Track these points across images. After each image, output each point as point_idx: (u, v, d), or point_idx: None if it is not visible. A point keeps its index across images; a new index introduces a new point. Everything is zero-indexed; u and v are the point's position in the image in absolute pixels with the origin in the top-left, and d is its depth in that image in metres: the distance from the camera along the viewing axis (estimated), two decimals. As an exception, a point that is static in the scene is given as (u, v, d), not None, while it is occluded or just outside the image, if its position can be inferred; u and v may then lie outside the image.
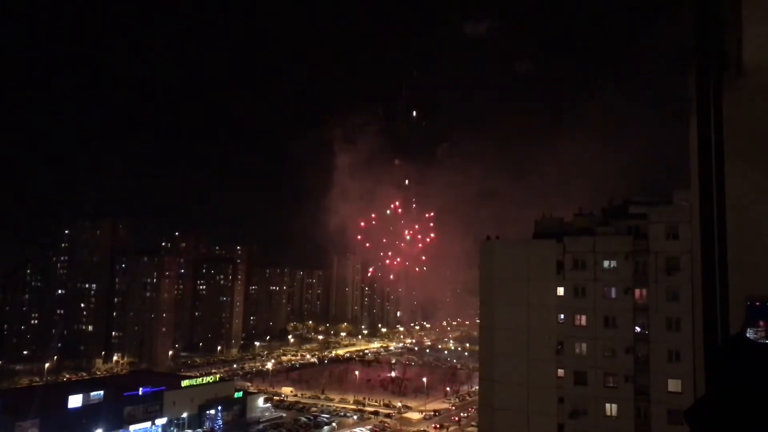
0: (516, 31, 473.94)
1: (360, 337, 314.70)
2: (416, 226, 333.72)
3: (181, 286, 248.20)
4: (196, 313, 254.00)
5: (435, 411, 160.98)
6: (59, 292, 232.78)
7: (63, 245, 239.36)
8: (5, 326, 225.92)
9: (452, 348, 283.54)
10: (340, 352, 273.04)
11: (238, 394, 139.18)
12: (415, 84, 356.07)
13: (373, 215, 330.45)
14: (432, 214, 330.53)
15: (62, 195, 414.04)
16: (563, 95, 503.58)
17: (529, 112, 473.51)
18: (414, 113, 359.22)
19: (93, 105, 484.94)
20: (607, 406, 53.25)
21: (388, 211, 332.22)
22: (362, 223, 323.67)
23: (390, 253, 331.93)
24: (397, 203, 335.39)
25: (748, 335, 4.13)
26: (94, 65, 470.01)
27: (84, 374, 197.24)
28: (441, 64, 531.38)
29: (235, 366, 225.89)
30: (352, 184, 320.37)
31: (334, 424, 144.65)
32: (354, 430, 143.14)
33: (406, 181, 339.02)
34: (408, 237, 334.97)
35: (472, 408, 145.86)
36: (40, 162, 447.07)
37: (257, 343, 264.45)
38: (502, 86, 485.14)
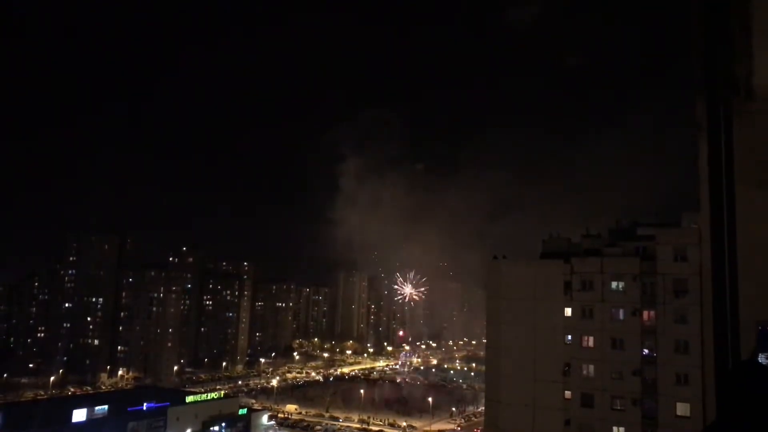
0: (526, 50, 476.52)
1: (365, 355, 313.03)
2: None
3: (187, 301, 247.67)
4: (202, 329, 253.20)
5: (440, 431, 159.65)
6: (66, 305, 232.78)
7: (70, 258, 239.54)
8: (11, 339, 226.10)
9: (458, 368, 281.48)
10: (346, 370, 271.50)
11: (243, 411, 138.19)
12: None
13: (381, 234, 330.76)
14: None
15: (70, 208, 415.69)
16: (573, 118, 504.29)
17: (538, 133, 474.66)
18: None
19: (101, 118, 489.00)
20: (615, 429, 52.64)
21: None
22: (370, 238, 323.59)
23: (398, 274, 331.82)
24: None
25: (760, 360, 4.10)
26: (103, 77, 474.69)
27: (88, 388, 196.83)
28: (449, 88, 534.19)
29: (239, 383, 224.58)
30: (360, 200, 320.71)
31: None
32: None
33: (415, 195, 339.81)
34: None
35: (478, 429, 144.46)
36: (49, 175, 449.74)
37: (262, 360, 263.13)
38: (515, 105, 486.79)
